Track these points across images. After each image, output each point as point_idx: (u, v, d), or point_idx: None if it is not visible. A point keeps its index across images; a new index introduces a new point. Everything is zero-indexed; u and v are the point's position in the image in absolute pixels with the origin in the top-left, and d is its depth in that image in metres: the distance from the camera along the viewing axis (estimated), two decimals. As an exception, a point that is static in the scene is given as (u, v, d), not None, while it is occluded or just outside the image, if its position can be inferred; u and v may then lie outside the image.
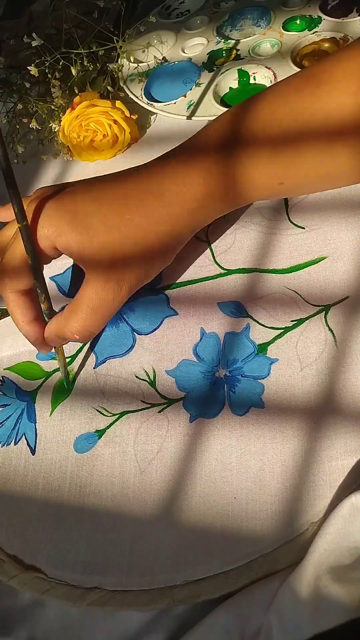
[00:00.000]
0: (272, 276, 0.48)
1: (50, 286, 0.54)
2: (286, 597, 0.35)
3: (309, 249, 0.48)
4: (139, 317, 0.50)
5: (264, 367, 0.44)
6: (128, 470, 0.44)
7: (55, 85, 0.59)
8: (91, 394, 0.48)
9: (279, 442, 0.41)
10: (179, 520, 0.41)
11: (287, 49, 0.57)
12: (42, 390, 0.49)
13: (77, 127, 0.57)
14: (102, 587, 0.40)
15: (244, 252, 0.50)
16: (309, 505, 0.39)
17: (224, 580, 0.38)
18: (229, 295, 0.48)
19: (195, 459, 0.42)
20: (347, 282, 0.45)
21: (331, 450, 0.40)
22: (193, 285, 0.50)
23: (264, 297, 0.47)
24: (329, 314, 0.45)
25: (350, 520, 0.35)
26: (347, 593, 0.33)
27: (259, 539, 0.39)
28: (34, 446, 0.47)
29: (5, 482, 0.46)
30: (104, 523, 0.42)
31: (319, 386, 0.42)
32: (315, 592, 0.34)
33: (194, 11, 0.68)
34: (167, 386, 0.46)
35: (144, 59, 0.64)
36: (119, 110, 0.57)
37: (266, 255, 0.49)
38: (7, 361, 0.52)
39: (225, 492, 0.41)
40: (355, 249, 0.47)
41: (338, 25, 0.56)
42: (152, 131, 0.62)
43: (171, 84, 0.61)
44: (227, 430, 0.43)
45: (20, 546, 0.43)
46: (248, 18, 0.62)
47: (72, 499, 0.44)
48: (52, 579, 0.41)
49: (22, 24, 0.77)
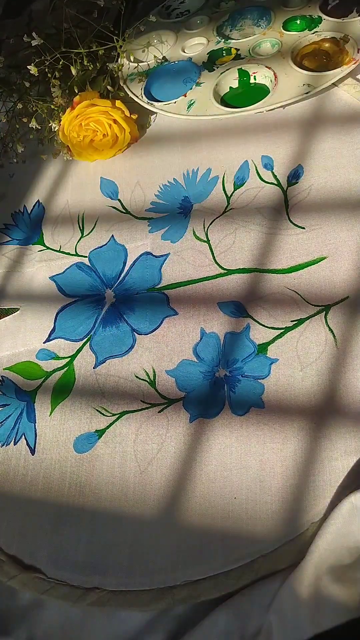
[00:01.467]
0: (272, 276, 0.48)
1: (50, 286, 0.54)
2: (286, 597, 0.35)
3: (309, 249, 0.48)
4: (139, 317, 0.50)
5: (264, 367, 0.44)
6: (128, 470, 0.43)
7: (55, 85, 0.59)
8: (91, 394, 0.48)
9: (279, 442, 0.41)
10: (179, 520, 0.41)
11: (288, 49, 0.57)
12: (42, 390, 0.49)
13: (77, 126, 0.57)
14: (102, 587, 0.40)
15: (244, 252, 0.50)
16: (309, 505, 0.39)
17: (224, 580, 0.38)
18: (229, 295, 0.48)
19: (195, 459, 0.42)
20: (347, 282, 0.45)
21: (331, 450, 0.40)
22: (193, 285, 0.50)
23: (264, 297, 0.47)
24: (329, 314, 0.45)
25: (350, 520, 0.35)
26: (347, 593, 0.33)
27: (259, 539, 0.39)
28: (33, 446, 0.47)
29: (5, 482, 0.46)
30: (103, 523, 0.42)
31: (319, 386, 0.42)
32: (315, 592, 0.34)
33: (194, 11, 0.67)
34: (167, 386, 0.46)
35: (144, 58, 0.64)
36: (119, 110, 0.57)
37: (266, 256, 0.49)
38: (7, 361, 0.52)
39: (225, 492, 0.41)
40: (355, 249, 0.47)
41: (338, 25, 0.56)
42: (152, 131, 0.62)
43: (171, 83, 0.61)
44: (227, 430, 0.43)
45: (20, 546, 0.43)
46: (248, 18, 0.62)
47: (71, 499, 0.44)
48: (52, 579, 0.41)
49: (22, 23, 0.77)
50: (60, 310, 0.52)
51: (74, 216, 0.58)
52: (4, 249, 0.59)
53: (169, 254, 0.52)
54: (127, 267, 0.53)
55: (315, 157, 0.52)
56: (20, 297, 0.55)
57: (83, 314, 0.52)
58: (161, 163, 0.58)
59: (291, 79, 0.54)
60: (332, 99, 0.55)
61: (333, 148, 0.52)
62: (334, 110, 0.54)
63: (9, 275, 0.57)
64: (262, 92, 0.56)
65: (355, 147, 0.52)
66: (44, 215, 0.59)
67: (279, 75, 0.55)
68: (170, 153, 0.58)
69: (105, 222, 0.56)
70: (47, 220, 0.59)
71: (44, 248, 0.57)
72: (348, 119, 0.53)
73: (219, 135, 0.57)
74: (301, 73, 0.54)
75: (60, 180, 0.62)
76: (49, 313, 0.53)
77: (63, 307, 0.53)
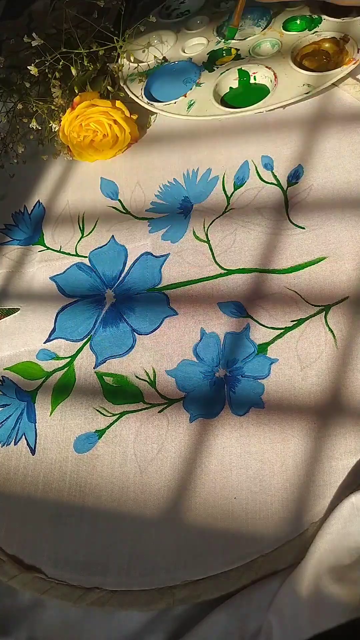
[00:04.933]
0: (272, 276, 0.48)
1: (50, 286, 0.54)
2: (286, 597, 0.35)
3: (309, 249, 0.48)
4: (139, 317, 0.50)
5: (264, 367, 0.44)
6: (128, 470, 0.44)
7: (56, 85, 0.59)
8: (91, 394, 0.48)
9: (279, 442, 0.41)
10: (179, 520, 0.41)
11: (287, 49, 0.57)
12: (42, 390, 0.49)
13: (77, 127, 0.57)
14: (102, 587, 0.40)
15: (244, 252, 0.50)
16: (309, 505, 0.39)
17: (224, 580, 0.38)
18: (229, 295, 0.48)
19: (195, 459, 0.42)
20: (347, 282, 0.45)
21: (331, 450, 0.40)
22: (193, 285, 0.50)
23: (264, 297, 0.47)
24: (329, 314, 0.45)
25: (350, 520, 0.35)
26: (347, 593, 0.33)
27: (259, 539, 0.39)
28: (33, 446, 0.47)
29: (5, 482, 0.46)
30: (104, 523, 0.42)
31: (319, 386, 0.42)
32: (315, 592, 0.34)
33: (194, 11, 0.67)
34: (167, 386, 0.46)
35: (144, 58, 0.64)
36: (119, 110, 0.57)
37: (266, 256, 0.49)
38: (7, 361, 0.52)
39: (226, 492, 0.41)
40: (355, 249, 0.47)
41: (338, 25, 0.56)
42: (152, 131, 0.62)
43: (171, 83, 0.61)
44: (227, 431, 0.43)
45: (20, 546, 0.43)
46: (248, 18, 0.62)
47: (72, 499, 0.44)
48: (52, 579, 0.41)
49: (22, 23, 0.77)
50: (61, 311, 0.53)
51: (74, 216, 0.58)
52: (5, 250, 0.59)
53: (169, 254, 0.52)
54: (127, 267, 0.53)
55: (315, 157, 0.52)
56: (20, 298, 0.55)
57: (83, 314, 0.52)
58: (161, 163, 0.58)
59: (291, 79, 0.54)
60: (332, 99, 0.55)
61: (333, 148, 0.52)
62: (334, 111, 0.54)
63: (10, 276, 0.57)
64: (262, 92, 0.56)
65: (355, 147, 0.52)
66: (44, 216, 0.59)
67: (279, 76, 0.55)
68: (170, 153, 0.58)
69: (106, 223, 0.56)
70: (48, 220, 0.59)
71: (44, 248, 0.57)
72: (348, 119, 0.53)
73: (219, 136, 0.57)
74: (301, 73, 0.54)
75: (60, 181, 0.62)
76: (49, 313, 0.53)
77: (63, 307, 0.53)
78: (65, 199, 0.60)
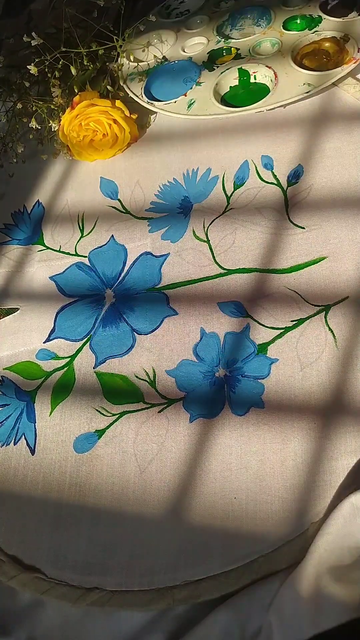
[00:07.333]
0: (272, 276, 0.48)
1: (49, 286, 0.54)
2: (286, 597, 0.35)
3: (309, 249, 0.48)
4: (139, 317, 0.50)
5: (264, 367, 0.44)
6: (128, 470, 0.43)
7: (55, 85, 0.59)
8: (91, 393, 0.48)
9: (279, 442, 0.41)
10: (179, 520, 0.41)
11: (288, 48, 0.57)
12: (42, 390, 0.49)
13: (76, 126, 0.57)
14: (102, 587, 0.40)
15: (244, 252, 0.50)
16: (309, 505, 0.39)
17: (224, 580, 0.38)
18: (229, 295, 0.48)
19: (195, 459, 0.42)
20: (347, 282, 0.45)
21: (331, 450, 0.40)
22: (193, 285, 0.50)
23: (264, 297, 0.47)
24: (329, 314, 0.45)
25: (350, 520, 0.35)
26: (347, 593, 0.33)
27: (259, 539, 0.39)
28: (33, 446, 0.47)
29: (5, 482, 0.46)
30: (103, 523, 0.42)
31: (319, 386, 0.42)
32: (315, 592, 0.34)
33: (194, 11, 0.67)
34: (167, 386, 0.46)
35: (144, 58, 0.64)
36: (119, 110, 0.57)
37: (266, 255, 0.49)
38: (7, 361, 0.52)
39: (226, 492, 0.41)
40: (355, 249, 0.46)
41: (338, 25, 0.56)
42: (152, 130, 0.62)
43: (171, 83, 0.61)
44: (227, 431, 0.43)
45: (20, 546, 0.43)
46: (248, 17, 0.62)
47: (71, 499, 0.44)
48: (52, 579, 0.41)
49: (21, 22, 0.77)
50: (60, 310, 0.52)
51: (74, 216, 0.58)
52: (4, 249, 0.59)
53: (169, 253, 0.52)
54: (127, 267, 0.53)
55: (315, 157, 0.52)
56: (20, 297, 0.55)
57: (83, 313, 0.52)
58: (161, 163, 0.58)
59: (291, 78, 0.54)
60: (332, 98, 0.55)
61: (333, 148, 0.52)
62: (334, 110, 0.54)
63: (9, 275, 0.57)
64: (262, 91, 0.56)
65: (355, 146, 0.51)
66: (44, 215, 0.59)
67: (279, 75, 0.55)
68: (170, 153, 0.58)
69: (105, 222, 0.56)
70: (47, 220, 0.59)
71: (43, 248, 0.57)
72: (348, 119, 0.53)
73: (219, 135, 0.57)
74: (301, 72, 0.54)
75: (60, 180, 0.62)
76: (49, 313, 0.53)
77: (63, 307, 0.53)
78: (64, 198, 0.60)
